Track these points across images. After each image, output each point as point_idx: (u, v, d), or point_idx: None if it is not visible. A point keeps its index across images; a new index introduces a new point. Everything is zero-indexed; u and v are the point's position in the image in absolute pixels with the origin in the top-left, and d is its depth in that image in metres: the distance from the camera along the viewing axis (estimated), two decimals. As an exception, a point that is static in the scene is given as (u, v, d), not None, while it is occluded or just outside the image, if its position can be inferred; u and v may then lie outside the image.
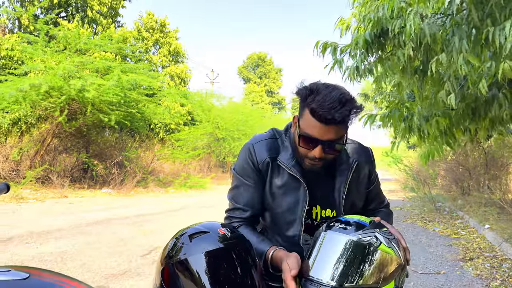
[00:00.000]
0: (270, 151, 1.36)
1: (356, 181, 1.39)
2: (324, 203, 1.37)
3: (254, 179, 1.38)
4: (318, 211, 1.36)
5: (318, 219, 1.37)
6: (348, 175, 1.35)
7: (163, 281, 1.08)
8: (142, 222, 7.25)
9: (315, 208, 1.36)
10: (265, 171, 1.36)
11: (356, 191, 1.39)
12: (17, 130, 12.36)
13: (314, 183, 1.35)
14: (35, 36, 12.44)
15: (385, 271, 1.05)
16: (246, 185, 1.39)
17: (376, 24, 2.85)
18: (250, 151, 1.37)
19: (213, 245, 1.06)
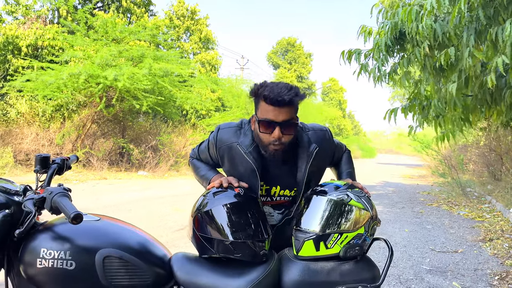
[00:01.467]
0: (232, 138, 1.65)
1: (318, 163, 1.64)
2: (283, 184, 1.64)
3: (211, 153, 1.76)
4: (277, 191, 1.64)
5: (276, 196, 1.66)
6: (308, 161, 1.60)
7: (195, 227, 1.44)
8: (176, 202, 7.77)
9: (274, 188, 1.65)
10: (222, 155, 1.68)
11: (317, 172, 1.68)
12: (60, 116, 13.17)
13: (274, 168, 1.63)
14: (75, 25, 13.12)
15: (355, 220, 1.38)
16: (205, 151, 1.80)
17: (394, 28, 3.12)
18: (216, 133, 1.71)
19: (230, 199, 1.42)
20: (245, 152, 1.59)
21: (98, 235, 1.34)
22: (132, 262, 1.31)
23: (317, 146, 1.63)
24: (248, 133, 1.64)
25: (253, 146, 1.60)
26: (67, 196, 1.21)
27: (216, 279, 1.36)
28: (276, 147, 1.51)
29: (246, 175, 1.60)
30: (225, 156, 1.67)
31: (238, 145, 1.62)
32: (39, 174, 1.52)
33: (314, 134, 1.68)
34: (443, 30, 2.92)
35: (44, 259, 1.25)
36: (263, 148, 1.55)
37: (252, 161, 1.58)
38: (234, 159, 1.64)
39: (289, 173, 1.63)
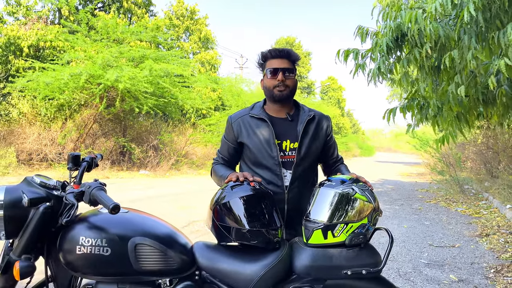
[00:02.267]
0: (242, 113, 2.01)
1: (315, 127, 1.97)
2: (292, 138, 1.94)
3: (229, 137, 2.02)
4: (287, 144, 1.93)
5: (288, 150, 1.93)
6: (306, 119, 1.95)
7: (214, 218, 1.59)
8: (179, 200, 7.91)
9: (285, 142, 1.93)
10: (237, 128, 1.97)
11: (314, 132, 1.97)
12: (61, 116, 13.29)
13: (283, 125, 1.96)
14: (77, 26, 13.23)
15: (359, 211, 1.53)
16: (224, 142, 2.06)
17: (396, 30, 3.27)
18: (228, 119, 2.04)
19: (246, 192, 1.57)
20: (257, 115, 1.94)
21: (129, 225, 1.50)
22: (160, 249, 1.47)
23: (315, 114, 2.00)
24: (256, 106, 2.02)
25: (262, 110, 1.96)
26: (103, 190, 1.35)
27: (234, 264, 1.51)
28: (281, 88, 1.89)
29: (261, 132, 1.91)
30: (240, 127, 1.97)
31: (249, 114, 1.98)
32: (71, 171, 1.66)
33: (315, 110, 2.05)
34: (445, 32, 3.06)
35: (83, 246, 1.40)
36: (270, 93, 1.92)
37: (264, 117, 1.92)
38: (248, 125, 1.95)
39: (294, 128, 1.95)
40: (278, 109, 1.98)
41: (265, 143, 1.90)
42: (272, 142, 1.89)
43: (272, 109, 1.99)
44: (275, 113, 1.98)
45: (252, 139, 1.93)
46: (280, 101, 1.93)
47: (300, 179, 1.91)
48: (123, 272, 1.44)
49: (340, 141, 36.57)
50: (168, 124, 16.33)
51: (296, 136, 1.93)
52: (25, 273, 1.34)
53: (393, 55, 3.72)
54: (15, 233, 1.43)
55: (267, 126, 1.91)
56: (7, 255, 1.44)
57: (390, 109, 4.19)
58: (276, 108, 1.98)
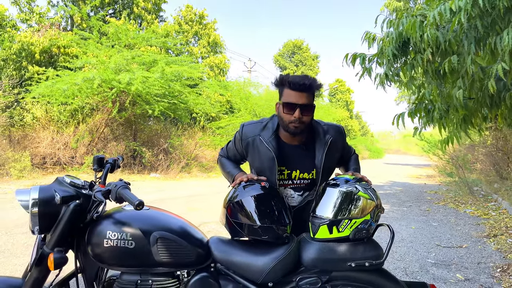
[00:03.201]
0: (253, 132, 1.97)
1: (332, 152, 1.96)
2: (302, 168, 1.94)
3: (237, 147, 2.05)
4: (297, 174, 1.94)
5: (296, 179, 1.95)
6: (325, 149, 1.92)
7: (228, 215, 1.73)
8: (190, 202, 8.06)
9: (294, 172, 1.94)
10: (246, 147, 1.98)
11: (331, 160, 1.97)
12: (74, 121, 13.56)
13: (295, 154, 1.94)
14: (89, 33, 13.52)
15: (362, 208, 1.66)
16: (232, 147, 2.09)
17: (399, 38, 3.39)
18: (241, 129, 2.02)
19: (258, 191, 1.70)
20: (266, 142, 1.90)
21: (151, 220, 1.64)
22: (179, 243, 1.61)
23: (331, 137, 1.94)
24: (269, 127, 1.96)
25: (273, 137, 1.91)
26: (128, 188, 1.50)
27: (247, 257, 1.65)
28: (296, 125, 1.81)
29: (266, 162, 1.90)
30: (249, 148, 1.97)
31: (260, 137, 1.92)
32: (96, 172, 1.82)
33: (329, 128, 1.99)
34: (445, 38, 3.16)
35: (109, 239, 1.54)
36: (285, 127, 1.85)
37: (272, 149, 1.88)
38: (256, 149, 1.94)
39: (307, 159, 1.93)
40: (291, 137, 1.93)
41: (268, 174, 1.89)
42: (274, 176, 1.88)
43: (285, 136, 1.94)
44: (288, 140, 1.94)
45: (257, 165, 1.95)
46: (294, 135, 1.89)
47: (310, 200, 1.93)
48: (145, 264, 1.58)
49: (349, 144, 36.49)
50: (177, 127, 16.54)
51: (307, 167, 1.92)
52: (59, 263, 1.48)
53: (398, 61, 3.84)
54: (48, 228, 1.58)
55: (272, 160, 1.87)
56: (41, 248, 1.59)
57: (398, 114, 4.30)
58: (290, 136, 1.93)
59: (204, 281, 1.64)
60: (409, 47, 3.64)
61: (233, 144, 2.11)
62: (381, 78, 3.91)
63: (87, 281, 1.65)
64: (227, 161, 2.15)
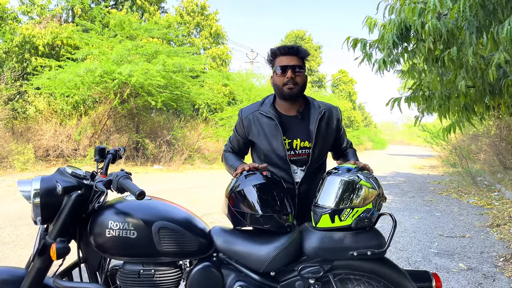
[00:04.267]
0: (252, 109, 2.05)
1: (326, 123, 2.01)
2: (303, 137, 1.98)
3: (239, 132, 2.09)
4: (298, 143, 1.98)
5: (298, 148, 1.98)
6: (318, 117, 1.98)
7: (230, 204, 1.72)
8: (192, 193, 8.09)
9: (295, 141, 1.97)
10: (247, 125, 2.02)
11: (325, 130, 2.01)
12: (77, 113, 13.57)
13: (294, 123, 2.00)
14: (91, 24, 13.47)
15: (364, 197, 1.65)
16: (234, 135, 2.14)
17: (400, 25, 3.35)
18: (240, 113, 2.09)
19: (259, 180, 1.69)
20: (266, 113, 1.97)
21: (153, 210, 1.64)
22: (181, 232, 1.61)
23: (325, 109, 2.02)
24: (266, 102, 2.04)
25: (271, 107, 1.99)
26: (129, 178, 1.49)
27: (249, 246, 1.65)
28: (290, 86, 1.91)
29: (271, 131, 1.94)
30: (251, 125, 2.01)
31: (259, 111, 1.99)
32: (98, 162, 1.81)
33: (325, 103, 2.09)
34: (447, 27, 3.12)
35: (111, 229, 1.54)
36: (280, 91, 1.94)
37: (273, 116, 1.94)
38: (258, 123, 1.98)
39: (305, 127, 1.98)
40: (288, 107, 1.99)
41: (274, 143, 1.93)
42: (280, 143, 1.92)
43: (282, 106, 2.00)
44: (285, 110, 2.00)
45: (261, 138, 1.97)
46: (290, 98, 1.94)
47: (311, 175, 1.97)
48: (147, 254, 1.58)
49: (352, 135, 36.41)
50: (180, 119, 16.53)
51: (307, 135, 1.96)
52: (61, 253, 1.49)
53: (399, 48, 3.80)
54: (50, 219, 1.58)
55: (275, 126, 1.93)
56: (43, 238, 1.59)
57: (395, 98, 4.27)
58: (286, 106, 1.99)
59: (206, 271, 1.64)
60: (411, 34, 3.60)
61: (235, 131, 2.14)
62: (379, 64, 3.88)
63: (89, 271, 1.66)
64: (230, 155, 2.15)
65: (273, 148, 1.94)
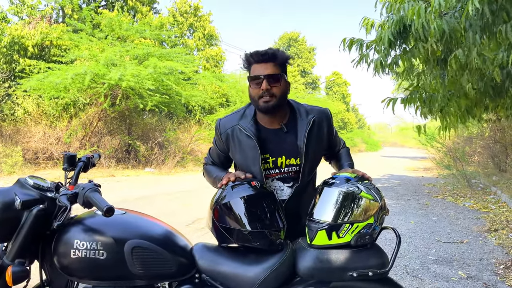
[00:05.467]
0: (231, 122, 1.79)
1: (316, 134, 1.76)
2: (288, 153, 1.74)
3: (218, 146, 1.87)
4: (283, 161, 1.74)
5: (283, 167, 1.75)
6: (306, 128, 1.72)
7: (214, 218, 1.54)
8: (184, 197, 7.88)
9: (280, 158, 1.74)
10: (226, 140, 1.80)
11: (316, 142, 1.76)
12: (67, 115, 13.30)
13: (278, 138, 1.75)
14: (81, 24, 13.22)
15: (365, 211, 1.48)
16: (214, 148, 1.92)
17: (398, 23, 3.19)
18: (218, 124, 1.84)
19: (247, 192, 1.51)
20: (245, 129, 1.72)
21: (126, 227, 1.44)
22: (158, 252, 1.42)
23: (314, 116, 1.75)
24: (247, 114, 1.78)
25: (252, 122, 1.74)
26: (98, 191, 1.30)
27: (235, 266, 1.46)
28: (266, 99, 1.64)
29: (249, 151, 1.71)
30: (229, 140, 1.78)
31: (238, 126, 1.74)
32: (67, 171, 1.62)
33: (312, 108, 1.82)
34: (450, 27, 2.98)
35: (77, 249, 1.35)
36: (256, 104, 1.69)
37: (252, 135, 1.69)
38: (237, 140, 1.75)
39: (291, 142, 1.74)
40: (270, 120, 1.74)
41: (252, 164, 1.71)
42: (258, 169, 1.70)
43: (264, 119, 1.75)
44: (267, 123, 1.75)
45: (240, 158, 1.76)
46: (267, 112, 1.69)
47: (300, 191, 1.76)
48: (120, 276, 1.39)
49: (345, 137, 36.34)
50: (173, 121, 16.30)
51: (293, 151, 1.72)
52: (18, 278, 1.30)
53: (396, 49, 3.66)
54: (8, 237, 1.38)
55: (254, 148, 1.70)
56: (0, 259, 1.40)
57: (391, 98, 4.13)
58: (268, 119, 1.74)
59: None
60: (409, 34, 3.45)
61: (214, 144, 1.91)
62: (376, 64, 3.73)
63: None
64: (212, 167, 1.94)
65: (250, 170, 1.72)
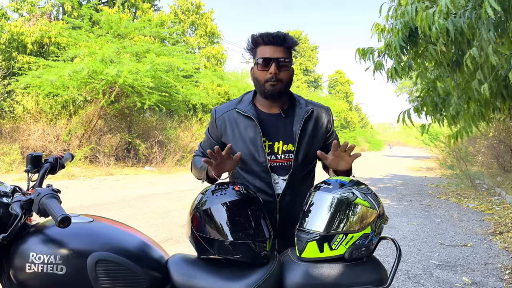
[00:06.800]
0: (228, 107, 1.72)
1: (314, 125, 1.69)
2: (286, 139, 1.65)
3: (212, 134, 1.77)
4: (280, 146, 1.65)
5: (280, 153, 1.65)
6: (303, 116, 1.66)
7: (193, 226, 1.38)
8: (182, 197, 7.75)
9: (277, 143, 1.65)
10: (221, 125, 1.70)
11: (312, 132, 1.69)
12: (66, 112, 13.19)
13: (276, 123, 1.68)
14: (80, 21, 13.09)
15: (361, 219, 1.31)
16: (207, 138, 1.81)
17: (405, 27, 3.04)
18: (212, 112, 1.76)
19: (230, 197, 1.35)
20: (244, 111, 1.65)
21: (91, 237, 1.28)
22: (127, 265, 1.25)
23: (313, 108, 1.71)
24: (245, 99, 1.73)
25: (250, 105, 1.68)
26: (55, 198, 1.14)
27: (214, 281, 1.30)
28: (273, 82, 1.59)
29: (247, 133, 1.64)
30: (225, 125, 1.69)
31: (236, 109, 1.68)
32: (30, 174, 1.46)
33: (313, 102, 1.78)
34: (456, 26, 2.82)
35: (33, 263, 1.19)
36: (261, 88, 1.63)
37: (252, 115, 1.63)
38: (234, 123, 1.67)
39: (288, 127, 1.67)
40: (270, 104, 1.69)
41: (252, 147, 1.62)
42: (259, 146, 1.62)
43: (263, 103, 1.70)
44: (266, 108, 1.70)
45: (237, 141, 1.65)
46: (272, 97, 1.64)
47: (295, 186, 1.65)
48: None
49: (348, 136, 36.14)
50: (173, 119, 16.16)
51: (290, 137, 1.65)
52: None
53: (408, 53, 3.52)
54: None
55: (254, 126, 1.63)
56: None
57: (403, 112, 4.02)
58: (268, 103, 1.69)
59: None
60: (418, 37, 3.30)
61: (207, 134, 1.81)
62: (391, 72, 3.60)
63: None
64: (199, 158, 1.80)
65: (251, 153, 1.62)
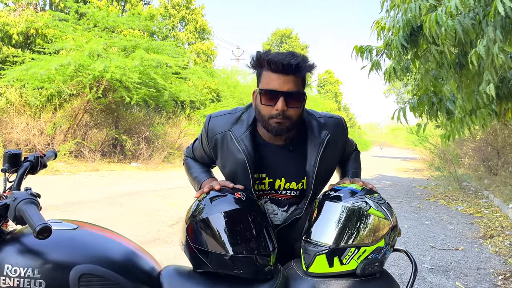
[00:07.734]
0: (223, 125, 1.45)
1: (330, 154, 1.44)
2: (289, 176, 1.43)
3: (204, 147, 1.55)
4: (282, 184, 1.44)
5: (282, 189, 1.45)
6: (320, 150, 1.40)
7: (188, 237, 1.25)
8: (170, 195, 7.58)
9: (278, 181, 1.43)
10: (214, 147, 1.47)
11: (329, 164, 1.47)
12: (51, 106, 12.85)
13: (279, 157, 1.43)
14: (65, 14, 12.77)
15: (375, 231, 1.20)
16: (199, 147, 1.60)
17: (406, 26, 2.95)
18: (207, 122, 1.50)
19: (230, 206, 1.22)
20: (237, 140, 1.39)
21: (74, 247, 1.14)
22: (114, 280, 1.12)
23: (329, 133, 1.42)
24: (243, 119, 1.44)
25: (247, 132, 1.40)
26: (34, 204, 1.00)
27: None
28: (279, 120, 1.29)
29: (237, 167, 1.40)
30: (217, 147, 1.46)
31: (231, 132, 1.41)
32: (8, 174, 1.31)
33: (326, 121, 1.47)
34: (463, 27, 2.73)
35: (8, 277, 1.05)
36: (264, 124, 1.34)
37: (243, 150, 1.37)
38: (226, 149, 1.43)
39: (295, 164, 1.42)
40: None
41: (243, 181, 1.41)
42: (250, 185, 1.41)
43: (265, 132, 1.42)
44: (269, 137, 1.43)
45: (228, 170, 1.46)
46: (277, 135, 1.37)
47: (298, 218, 1.46)
48: None
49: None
50: (161, 115, 15.92)
51: (296, 175, 1.42)
52: None
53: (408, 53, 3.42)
54: None
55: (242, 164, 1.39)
56: None
57: (399, 109, 3.93)
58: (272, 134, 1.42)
59: None
60: (419, 37, 3.21)
61: (200, 142, 1.58)
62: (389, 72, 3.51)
63: None
64: (194, 163, 1.64)
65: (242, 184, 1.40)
